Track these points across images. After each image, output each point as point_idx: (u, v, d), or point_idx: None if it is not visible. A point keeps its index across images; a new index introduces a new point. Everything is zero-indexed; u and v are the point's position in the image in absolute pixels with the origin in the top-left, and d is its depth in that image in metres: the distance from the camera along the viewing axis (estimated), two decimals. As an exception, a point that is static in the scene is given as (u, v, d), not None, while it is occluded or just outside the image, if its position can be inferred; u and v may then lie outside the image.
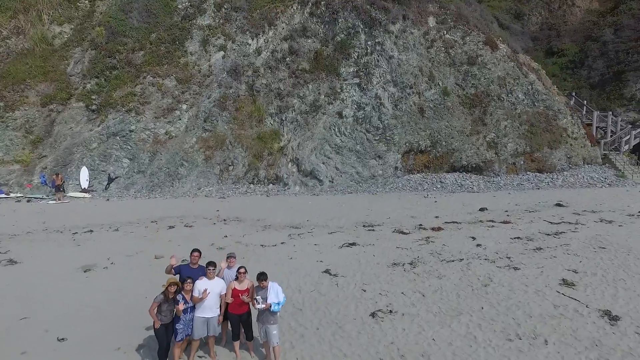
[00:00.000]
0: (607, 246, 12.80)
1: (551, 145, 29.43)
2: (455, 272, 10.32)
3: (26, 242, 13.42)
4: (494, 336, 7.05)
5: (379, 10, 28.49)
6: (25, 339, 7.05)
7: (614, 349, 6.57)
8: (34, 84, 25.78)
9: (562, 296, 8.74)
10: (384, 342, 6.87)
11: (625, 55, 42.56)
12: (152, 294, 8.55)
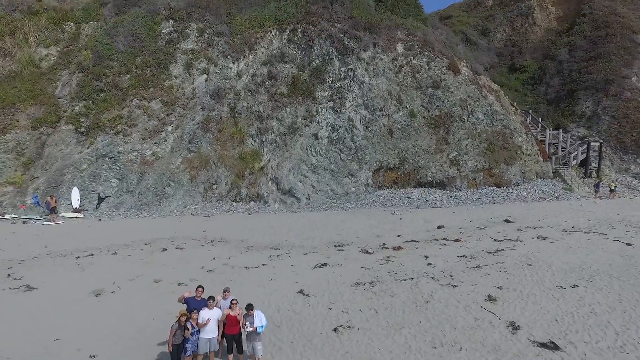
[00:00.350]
0: (533, 263, 15.50)
1: (507, 162, 32.51)
2: (405, 290, 12.71)
3: (35, 267, 15.11)
4: (424, 345, 9.42)
5: (352, 38, 30.94)
6: (62, 356, 8.98)
7: (507, 352, 9.03)
8: (24, 107, 27.06)
9: (483, 310, 11.23)
10: (341, 352, 9.15)
11: (577, 74, 46.45)
12: (157, 316, 10.67)
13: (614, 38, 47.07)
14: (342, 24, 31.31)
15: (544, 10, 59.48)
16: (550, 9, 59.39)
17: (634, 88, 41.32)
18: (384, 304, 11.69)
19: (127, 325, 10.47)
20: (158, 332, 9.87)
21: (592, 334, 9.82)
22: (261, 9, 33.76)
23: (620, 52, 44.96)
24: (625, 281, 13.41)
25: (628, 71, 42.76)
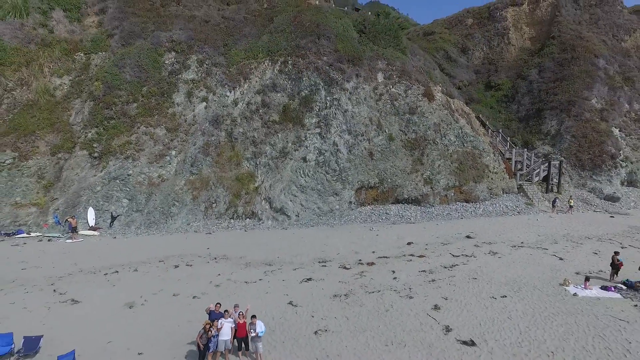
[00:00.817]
0: (478, 277, 19.25)
1: (476, 180, 36.42)
2: (371, 301, 16.33)
3: (73, 283, 18.43)
4: (379, 344, 13.02)
5: (336, 71, 34.60)
6: (118, 354, 12.39)
7: (437, 348, 12.68)
8: (42, 135, 30.21)
9: (428, 317, 14.89)
10: (319, 349, 12.71)
11: (545, 94, 50.66)
12: (181, 324, 14.11)
13: (578, 61, 51.36)
14: (328, 57, 34.98)
15: (518, 31, 63.70)
16: (524, 29, 63.61)
17: (592, 109, 45.60)
18: (354, 312, 15.29)
19: (159, 331, 13.92)
20: (183, 336, 13.32)
21: (502, 334, 13.52)
22: (255, 41, 37.27)
23: (582, 75, 49.24)
24: (544, 292, 17.19)
25: (588, 93, 47.03)
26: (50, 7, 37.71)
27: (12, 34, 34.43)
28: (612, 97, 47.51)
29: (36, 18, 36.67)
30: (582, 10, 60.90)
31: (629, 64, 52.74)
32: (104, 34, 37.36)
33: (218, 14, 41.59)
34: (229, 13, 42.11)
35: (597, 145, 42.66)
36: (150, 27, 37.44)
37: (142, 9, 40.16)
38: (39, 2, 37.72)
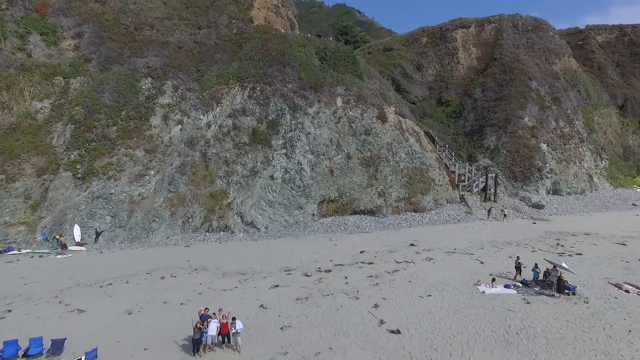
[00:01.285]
0: (414, 280, 23.97)
1: (423, 192, 41.64)
2: (326, 302, 20.62)
3: (74, 295, 21.59)
4: (330, 334, 17.27)
5: (300, 97, 38.80)
6: (127, 350, 15.99)
7: (372, 336, 17.10)
8: (27, 158, 32.57)
9: (369, 314, 19.33)
10: (284, 341, 16.81)
11: (487, 112, 56.96)
12: (174, 326, 17.78)
13: (514, 82, 58.08)
14: (292, 84, 39.14)
15: (466, 51, 70.17)
16: (472, 50, 70.14)
17: (525, 127, 52.14)
18: (311, 312, 19.52)
19: (156, 331, 17.58)
20: (177, 334, 17.06)
21: (421, 324, 18.13)
22: (226, 67, 40.88)
23: (517, 96, 55.90)
24: (460, 290, 22.08)
25: (522, 112, 53.62)
26: (27, 32, 39.68)
27: (-7, 60, 36.35)
28: (542, 116, 54.33)
29: (14, 42, 38.62)
30: (520, 34, 67.99)
31: (557, 86, 60.02)
32: (81, 58, 39.77)
33: (190, 39, 44.79)
34: (200, 38, 45.39)
35: (527, 159, 49.12)
36: (126, 52, 40.24)
37: (117, 33, 42.77)
38: (15, 26, 39.61)
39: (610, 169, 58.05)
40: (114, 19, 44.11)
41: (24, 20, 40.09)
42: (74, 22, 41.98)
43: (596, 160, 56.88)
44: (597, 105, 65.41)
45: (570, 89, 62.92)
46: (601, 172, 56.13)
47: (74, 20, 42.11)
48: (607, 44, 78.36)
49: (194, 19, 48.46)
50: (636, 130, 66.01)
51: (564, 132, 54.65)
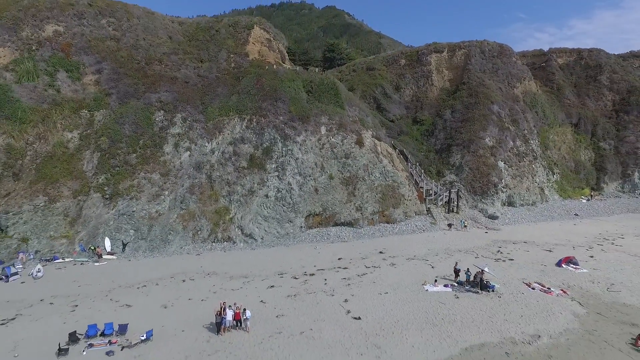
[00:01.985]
0: (377, 281, 31.44)
1: (394, 206, 49.20)
2: (310, 298, 27.96)
3: (119, 294, 28.55)
4: (311, 320, 24.56)
5: (290, 128, 46.10)
6: (170, 331, 23.08)
7: (340, 321, 24.47)
8: (64, 182, 39.29)
9: (340, 307, 26.72)
10: (278, 325, 24.05)
11: (454, 132, 64.84)
12: (200, 315, 24.98)
13: (479, 106, 66.11)
14: (283, 117, 46.43)
15: (440, 73, 78.03)
16: (444, 72, 78.03)
17: (485, 147, 60.14)
18: (298, 305, 26.85)
19: (187, 319, 24.71)
20: (203, 321, 24.20)
21: (377, 313, 25.56)
22: (226, 100, 47.98)
23: (481, 118, 63.92)
24: (410, 289, 29.61)
25: (484, 134, 61.63)
26: (55, 70, 46.27)
27: (28, 96, 42.94)
28: (501, 137, 62.43)
29: (45, 80, 45.21)
30: (486, 59, 76.19)
31: (517, 108, 68.26)
32: (102, 92, 46.48)
33: (194, 73, 51.78)
34: (203, 71, 52.41)
35: (485, 175, 57.11)
36: (141, 87, 47.10)
37: (132, 68, 49.56)
38: (45, 65, 46.17)
39: (561, 182, 66.45)
40: (127, 54, 50.88)
41: (52, 60, 46.65)
42: (94, 60, 48.63)
43: (548, 175, 65.21)
44: (553, 124, 73.84)
45: (529, 110, 71.27)
46: (552, 185, 64.47)
47: (94, 57, 48.76)
48: (566, 66, 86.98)
49: (196, 53, 55.44)
50: (587, 146, 74.61)
51: (520, 150, 62.82)
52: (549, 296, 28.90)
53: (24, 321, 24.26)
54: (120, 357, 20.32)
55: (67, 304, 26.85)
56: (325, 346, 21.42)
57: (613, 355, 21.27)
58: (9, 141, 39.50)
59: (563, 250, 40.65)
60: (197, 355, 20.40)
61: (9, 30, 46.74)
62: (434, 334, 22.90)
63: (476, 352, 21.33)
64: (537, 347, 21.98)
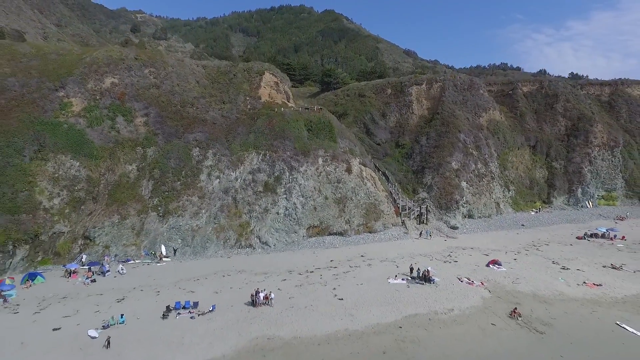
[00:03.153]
0: (357, 276, 45.82)
1: (375, 219, 63.61)
2: (309, 287, 42.28)
3: (183, 284, 42.73)
4: (311, 300, 38.80)
5: (295, 161, 60.48)
6: (224, 306, 37.33)
7: (330, 302, 38.77)
8: (130, 204, 53.51)
9: (330, 292, 41.04)
10: (290, 303, 38.27)
11: (428, 156, 79.29)
12: (242, 296, 39.39)
13: (448, 134, 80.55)
14: (289, 152, 60.79)
15: (419, 103, 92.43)
16: (423, 102, 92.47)
17: (451, 170, 74.57)
18: (304, 291, 41.18)
19: (233, 299, 38.95)
20: (243, 300, 38.42)
21: (354, 295, 39.89)
22: (245, 137, 62.28)
23: (449, 146, 78.35)
24: (379, 281, 44.03)
25: (450, 159, 76.05)
26: (115, 115, 60.42)
27: (98, 137, 57.11)
28: (465, 161, 76.89)
29: (108, 123, 59.36)
30: (458, 92, 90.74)
31: (480, 136, 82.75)
32: (150, 132, 60.66)
33: (219, 114, 66.08)
34: (226, 112, 66.71)
35: (450, 194, 71.59)
36: (180, 129, 61.35)
37: (171, 111, 63.79)
38: (107, 111, 60.35)
39: (515, 197, 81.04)
40: (167, 100, 65.13)
41: (111, 106, 60.85)
42: (142, 105, 62.83)
43: (504, 191, 79.78)
44: (513, 147, 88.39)
45: (491, 136, 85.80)
46: (507, 200, 79.02)
47: (142, 103, 62.98)
48: (530, 93, 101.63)
49: (219, 95, 69.75)
50: (542, 165, 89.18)
51: (480, 172, 77.33)
52: (470, 286, 43.37)
53: (130, 300, 38.60)
54: (199, 321, 34.65)
55: (152, 290, 41.20)
56: (320, 315, 35.85)
57: (494, 319, 35.84)
58: (88, 173, 53.70)
59: (497, 254, 55.13)
60: (244, 320, 34.77)
61: (78, 84, 60.89)
62: (388, 308, 37.36)
63: (411, 318, 35.82)
64: (450, 315, 36.54)
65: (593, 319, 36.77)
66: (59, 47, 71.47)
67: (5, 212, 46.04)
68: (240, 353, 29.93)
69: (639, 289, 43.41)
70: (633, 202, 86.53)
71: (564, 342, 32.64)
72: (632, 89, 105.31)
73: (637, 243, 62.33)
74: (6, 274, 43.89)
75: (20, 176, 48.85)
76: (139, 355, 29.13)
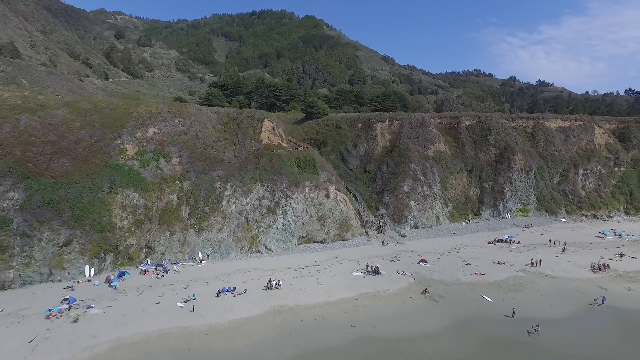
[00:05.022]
0: (332, 271, 70.99)
1: (346, 231, 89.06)
2: (302, 278, 67.15)
3: (221, 278, 66.67)
4: (303, 285, 63.64)
5: (289, 190, 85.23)
6: (251, 289, 61.68)
7: (315, 286, 63.74)
8: (176, 224, 77.05)
9: (315, 281, 65.97)
10: (292, 288, 63.00)
11: (387, 181, 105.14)
12: (259, 285, 63.96)
13: (402, 164, 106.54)
14: (285, 184, 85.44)
15: (383, 137, 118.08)
16: (386, 136, 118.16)
17: (403, 192, 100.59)
18: (298, 281, 66.04)
19: (255, 286, 63.41)
20: (261, 286, 62.87)
21: (329, 283, 65.05)
22: (253, 173, 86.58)
23: (402, 173, 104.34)
24: (345, 275, 69.42)
25: (403, 184, 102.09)
26: (158, 157, 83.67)
27: (149, 175, 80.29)
28: (414, 185, 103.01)
29: (154, 164, 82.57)
30: (412, 128, 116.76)
31: (427, 165, 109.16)
32: (184, 170, 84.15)
33: (232, 154, 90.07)
34: (237, 153, 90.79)
35: (401, 211, 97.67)
36: (207, 168, 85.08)
37: (198, 153, 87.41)
38: (152, 154, 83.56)
39: (452, 211, 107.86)
40: (193, 144, 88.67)
41: (155, 151, 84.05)
42: (177, 149, 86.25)
43: (443, 207, 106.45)
44: (453, 171, 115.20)
45: (436, 164, 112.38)
46: (445, 214, 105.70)
47: (177, 147, 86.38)
48: (470, 127, 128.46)
49: (231, 139, 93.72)
50: (476, 185, 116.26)
51: (425, 193, 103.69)
52: (404, 277, 69.13)
53: (191, 287, 62.61)
54: (238, 298, 59.16)
55: (202, 281, 65.28)
56: (309, 294, 60.98)
57: (412, 295, 61.74)
58: (144, 202, 76.97)
59: (427, 255, 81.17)
60: (265, 297, 59.48)
61: (130, 134, 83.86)
62: (350, 289, 62.76)
63: (363, 294, 61.44)
64: (386, 293, 62.28)
65: (469, 293, 63.10)
66: (109, 103, 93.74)
67: (97, 231, 69.24)
68: (267, 313, 54.73)
69: (505, 276, 70.06)
70: (541, 214, 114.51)
71: (446, 305, 58.81)
72: (550, 123, 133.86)
73: (528, 245, 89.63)
74: (102, 273, 67.22)
75: (103, 206, 71.97)
76: (211, 314, 53.56)
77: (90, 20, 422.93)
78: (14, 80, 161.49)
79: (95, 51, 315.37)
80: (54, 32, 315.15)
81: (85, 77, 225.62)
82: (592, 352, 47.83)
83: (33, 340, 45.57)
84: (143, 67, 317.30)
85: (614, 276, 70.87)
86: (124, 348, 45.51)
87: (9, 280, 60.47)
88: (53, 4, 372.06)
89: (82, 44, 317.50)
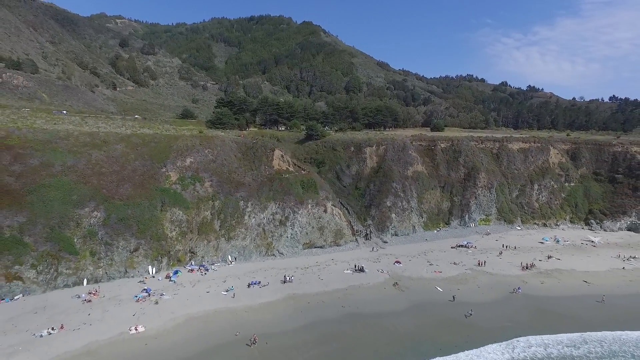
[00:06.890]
0: (329, 270, 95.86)
1: (340, 238, 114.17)
2: (308, 275, 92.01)
3: (248, 275, 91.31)
4: (309, 280, 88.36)
5: (296, 207, 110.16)
6: (270, 282, 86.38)
7: (316, 280, 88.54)
8: (210, 234, 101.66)
9: (316, 277, 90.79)
10: (300, 280, 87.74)
11: (374, 197, 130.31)
12: (277, 279, 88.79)
13: (386, 184, 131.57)
14: (293, 202, 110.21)
15: (371, 159, 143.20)
16: (374, 158, 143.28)
17: (386, 207, 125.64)
18: (305, 277, 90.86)
19: (274, 280, 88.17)
20: (279, 280, 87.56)
21: (327, 277, 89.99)
22: (267, 194, 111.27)
23: (386, 190, 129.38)
24: (340, 273, 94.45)
25: (386, 200, 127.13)
26: (194, 182, 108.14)
27: (188, 196, 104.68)
28: (395, 201, 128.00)
29: (191, 187, 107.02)
30: (395, 152, 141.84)
31: (406, 184, 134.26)
32: (214, 192, 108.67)
33: (251, 179, 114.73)
34: (254, 177, 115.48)
35: (384, 222, 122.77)
36: (232, 190, 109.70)
37: (224, 178, 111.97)
38: (190, 180, 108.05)
39: (427, 222, 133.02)
40: (220, 170, 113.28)
41: (192, 177, 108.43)
42: (208, 175, 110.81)
43: (419, 218, 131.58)
44: (429, 188, 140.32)
45: (414, 183, 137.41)
46: (420, 224, 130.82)
47: (208, 174, 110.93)
48: (444, 149, 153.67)
49: (249, 164, 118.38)
50: (447, 199, 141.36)
51: (404, 207, 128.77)
52: (381, 274, 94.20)
53: (228, 281, 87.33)
54: (263, 289, 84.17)
55: (235, 277, 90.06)
56: (313, 285, 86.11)
57: (386, 287, 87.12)
58: (186, 217, 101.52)
59: (402, 258, 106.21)
60: (282, 288, 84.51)
61: (172, 163, 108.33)
62: (341, 283, 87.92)
63: (351, 286, 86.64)
64: (367, 285, 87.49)
65: (427, 285, 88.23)
66: (153, 137, 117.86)
67: (155, 240, 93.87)
68: (284, 298, 79.69)
69: (456, 273, 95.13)
70: (500, 223, 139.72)
71: (410, 293, 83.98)
72: (512, 145, 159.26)
73: (482, 249, 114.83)
74: (161, 272, 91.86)
75: (158, 221, 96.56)
76: (246, 299, 78.46)
77: (95, 28, 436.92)
78: (35, 95, 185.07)
79: (102, 60, 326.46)
80: (62, 42, 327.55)
81: (95, 87, 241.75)
82: (505, 324, 72.98)
83: (135, 314, 70.22)
84: (148, 75, 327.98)
85: (536, 273, 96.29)
86: (194, 320, 70.19)
87: (99, 276, 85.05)
88: (59, 14, 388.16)
89: (89, 54, 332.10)
